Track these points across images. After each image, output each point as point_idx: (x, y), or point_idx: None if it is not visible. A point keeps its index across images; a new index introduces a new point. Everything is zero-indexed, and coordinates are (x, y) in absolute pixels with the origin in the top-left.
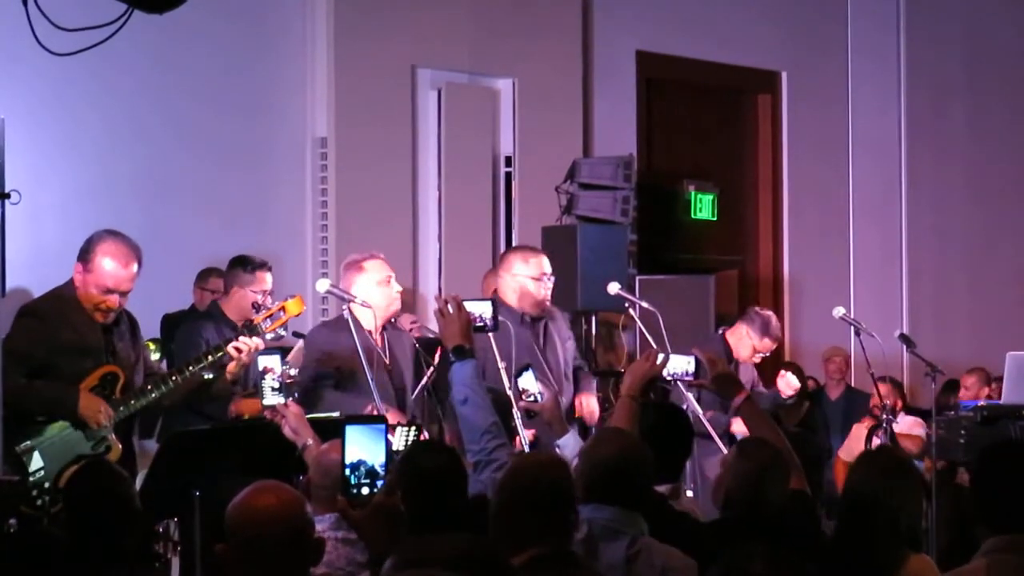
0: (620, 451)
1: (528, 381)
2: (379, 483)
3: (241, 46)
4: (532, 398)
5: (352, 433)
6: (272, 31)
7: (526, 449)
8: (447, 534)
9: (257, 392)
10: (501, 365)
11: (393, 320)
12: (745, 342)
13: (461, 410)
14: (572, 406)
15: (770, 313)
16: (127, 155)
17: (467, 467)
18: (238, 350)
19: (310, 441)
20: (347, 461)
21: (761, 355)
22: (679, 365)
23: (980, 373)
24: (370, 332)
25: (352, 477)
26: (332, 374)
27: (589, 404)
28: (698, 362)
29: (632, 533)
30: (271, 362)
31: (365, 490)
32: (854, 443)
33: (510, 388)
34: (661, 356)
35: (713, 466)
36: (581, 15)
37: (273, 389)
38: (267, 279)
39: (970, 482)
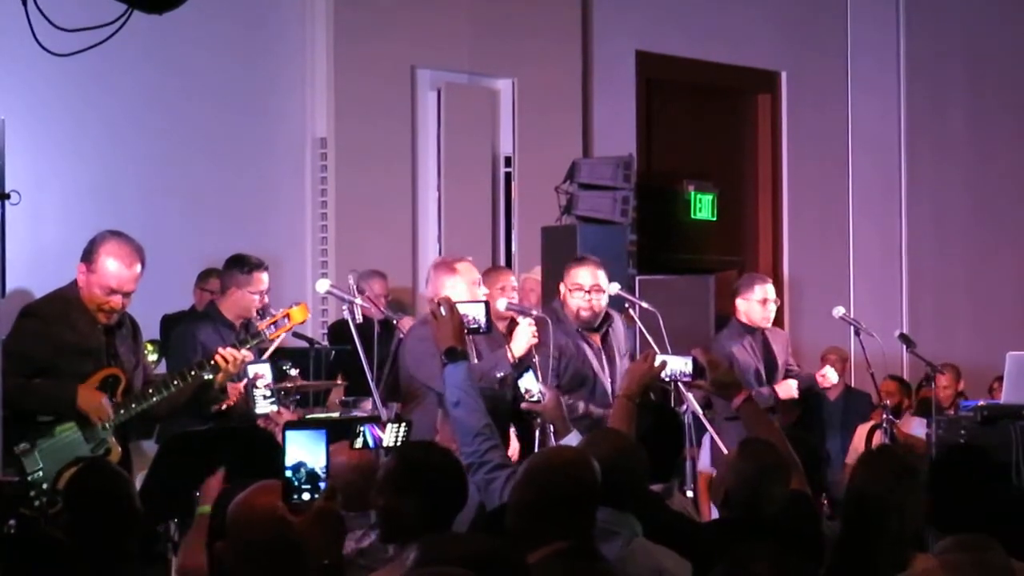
0: (614, 452)
1: (530, 381)
2: (321, 486)
3: (241, 47)
4: (535, 399)
5: (293, 437)
6: (272, 32)
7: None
8: (466, 534)
9: (248, 400)
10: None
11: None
12: (751, 307)
13: (454, 412)
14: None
15: (745, 274)
16: (127, 156)
17: None
18: (224, 360)
19: None
20: (287, 464)
21: (772, 303)
22: (677, 366)
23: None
24: None
25: (293, 480)
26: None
27: None
28: (696, 363)
29: (625, 534)
30: (262, 369)
31: (306, 495)
32: (859, 444)
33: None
34: (660, 358)
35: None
36: (581, 15)
37: (264, 397)
38: (264, 279)
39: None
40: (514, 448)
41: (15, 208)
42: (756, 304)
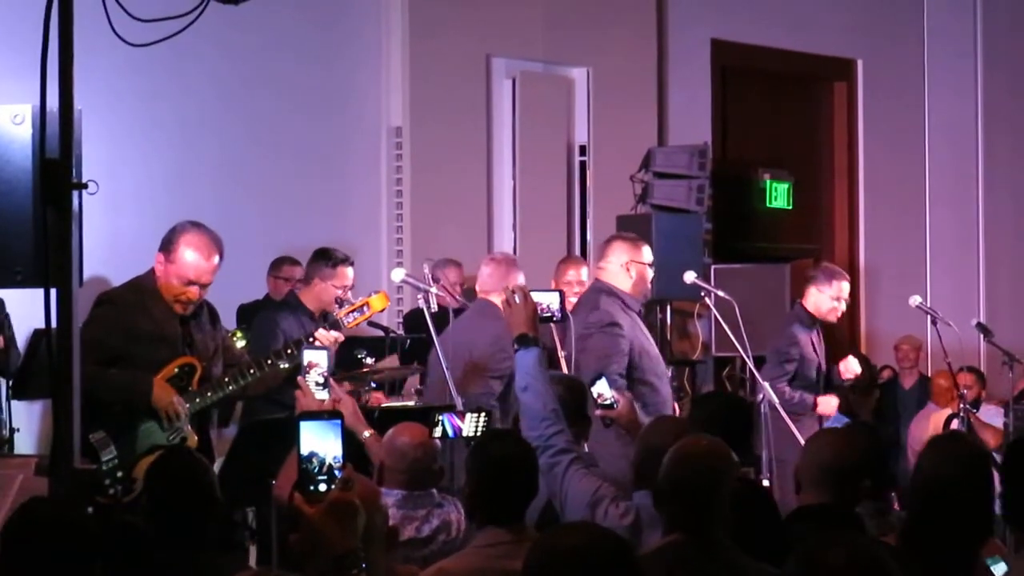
0: (675, 439)
1: (603, 387)
2: (337, 475)
3: (316, 36)
4: (608, 403)
5: (307, 427)
6: (347, 21)
7: None
8: (578, 524)
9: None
10: (561, 354)
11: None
12: (822, 299)
13: (522, 397)
14: None
15: (824, 263)
16: (203, 145)
17: None
18: (321, 342)
19: (367, 434)
20: (302, 454)
21: (843, 300)
22: None
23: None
24: None
25: (310, 471)
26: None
27: None
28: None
29: None
30: (317, 357)
31: (323, 487)
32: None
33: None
34: None
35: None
36: (656, 4)
37: (317, 384)
38: (348, 274)
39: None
40: None
41: (92, 197)
42: (828, 299)
